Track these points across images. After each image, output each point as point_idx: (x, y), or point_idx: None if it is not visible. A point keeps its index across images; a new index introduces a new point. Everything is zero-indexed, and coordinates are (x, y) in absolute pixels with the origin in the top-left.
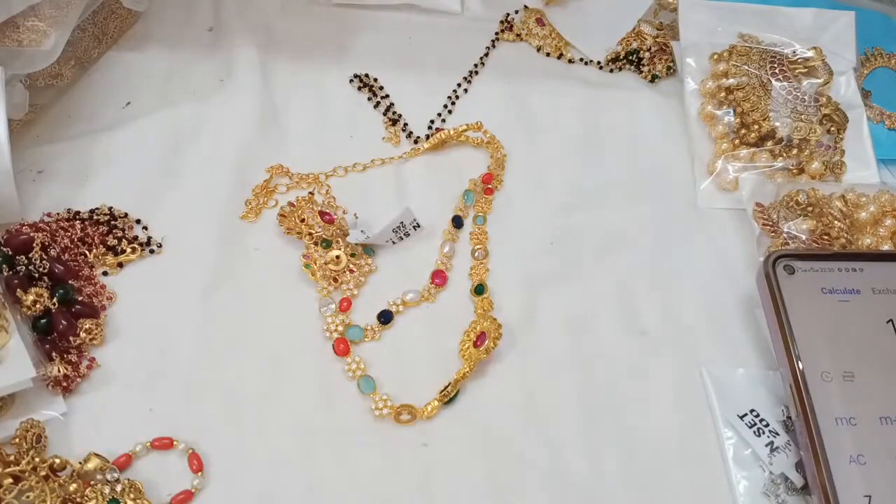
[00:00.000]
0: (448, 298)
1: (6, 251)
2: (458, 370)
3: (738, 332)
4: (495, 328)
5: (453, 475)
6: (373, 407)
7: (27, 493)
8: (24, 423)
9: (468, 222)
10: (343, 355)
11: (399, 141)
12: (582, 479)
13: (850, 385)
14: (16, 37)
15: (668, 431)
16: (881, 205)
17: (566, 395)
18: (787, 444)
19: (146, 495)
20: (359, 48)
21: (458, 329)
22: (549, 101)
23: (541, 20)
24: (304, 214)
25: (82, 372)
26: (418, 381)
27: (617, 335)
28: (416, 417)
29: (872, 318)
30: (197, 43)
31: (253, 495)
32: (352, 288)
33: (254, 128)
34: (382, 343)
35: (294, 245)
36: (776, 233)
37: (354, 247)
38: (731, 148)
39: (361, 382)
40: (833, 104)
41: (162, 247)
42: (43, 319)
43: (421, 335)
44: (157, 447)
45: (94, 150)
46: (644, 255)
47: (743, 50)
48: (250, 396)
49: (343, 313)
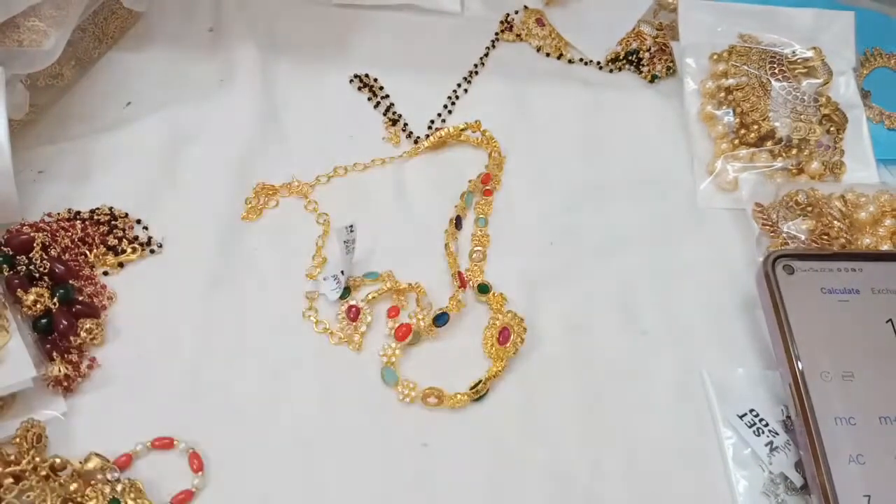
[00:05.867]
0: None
1: (7, 251)
2: (488, 368)
3: (738, 332)
4: (517, 323)
5: (453, 475)
6: (399, 395)
7: (27, 492)
8: (24, 423)
9: (469, 223)
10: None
11: (399, 141)
12: (582, 479)
13: (849, 385)
14: (16, 37)
15: (668, 431)
16: (881, 205)
17: (566, 395)
18: (787, 444)
19: (146, 495)
20: (359, 48)
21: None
22: (549, 101)
23: (541, 20)
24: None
25: (83, 372)
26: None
27: (617, 335)
28: (442, 402)
29: (872, 318)
30: (197, 43)
31: (253, 495)
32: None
33: (254, 128)
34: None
35: (294, 245)
36: (776, 233)
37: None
38: (730, 148)
39: (385, 373)
40: (833, 104)
41: (162, 247)
42: (43, 319)
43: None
44: (157, 447)
45: (94, 150)
46: (644, 255)
47: (743, 50)
48: (250, 396)
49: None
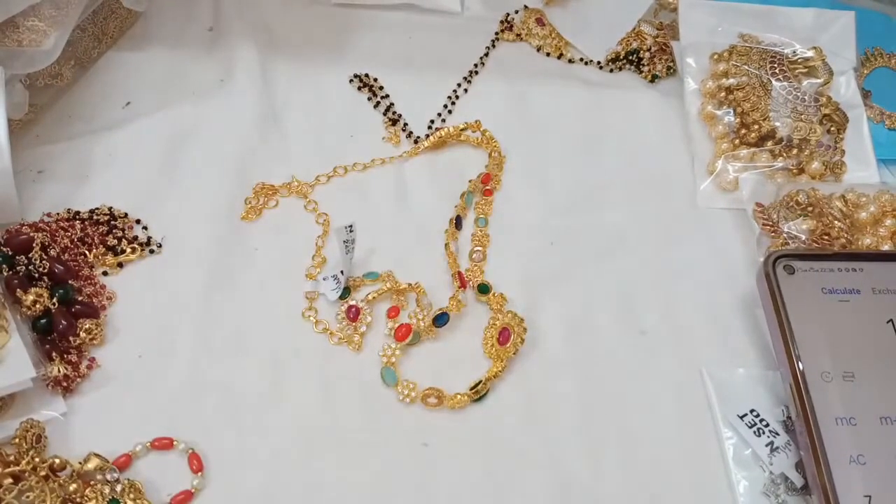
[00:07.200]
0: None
1: (6, 251)
2: (488, 368)
3: (738, 332)
4: (517, 323)
5: (453, 475)
6: (398, 395)
7: (27, 493)
8: (24, 423)
9: (469, 223)
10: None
11: (399, 141)
12: (582, 479)
13: (850, 385)
14: (16, 37)
15: (668, 431)
16: (881, 205)
17: (566, 395)
18: (787, 444)
19: (146, 495)
20: (359, 48)
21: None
22: (549, 101)
23: (541, 20)
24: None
25: (82, 372)
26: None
27: (617, 335)
28: (442, 402)
29: (872, 318)
30: (197, 43)
31: (253, 495)
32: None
33: (254, 128)
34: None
35: (294, 245)
36: (776, 233)
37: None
38: (731, 148)
39: (385, 373)
40: (833, 104)
41: (162, 247)
42: (43, 319)
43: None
44: (157, 447)
45: (94, 150)
46: (644, 255)
47: (743, 50)
48: (250, 396)
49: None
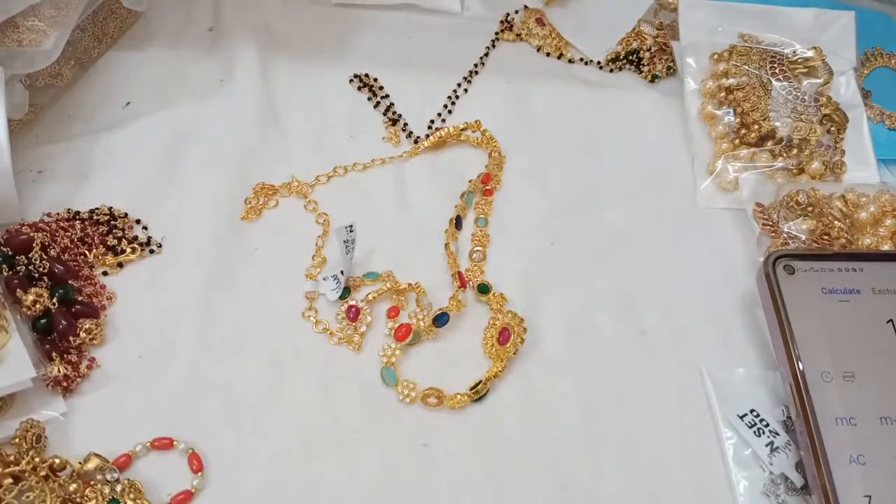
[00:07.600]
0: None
1: (6, 251)
2: (488, 368)
3: (738, 332)
4: (517, 323)
5: (453, 475)
6: (398, 395)
7: (27, 493)
8: (24, 423)
9: (469, 223)
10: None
11: (399, 141)
12: (582, 479)
13: (850, 385)
14: (16, 37)
15: (668, 431)
16: (881, 205)
17: (566, 395)
18: (787, 445)
19: (146, 495)
20: (359, 48)
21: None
22: (549, 101)
23: (541, 20)
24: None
25: (82, 372)
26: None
27: (617, 335)
28: (442, 402)
29: (872, 318)
30: (197, 43)
31: (253, 495)
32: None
33: (254, 128)
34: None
35: (294, 245)
36: (776, 233)
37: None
38: (731, 148)
39: (385, 373)
40: (833, 104)
41: (162, 247)
42: (43, 319)
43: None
44: (157, 447)
45: (94, 150)
46: (644, 255)
47: (743, 50)
48: (250, 396)
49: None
